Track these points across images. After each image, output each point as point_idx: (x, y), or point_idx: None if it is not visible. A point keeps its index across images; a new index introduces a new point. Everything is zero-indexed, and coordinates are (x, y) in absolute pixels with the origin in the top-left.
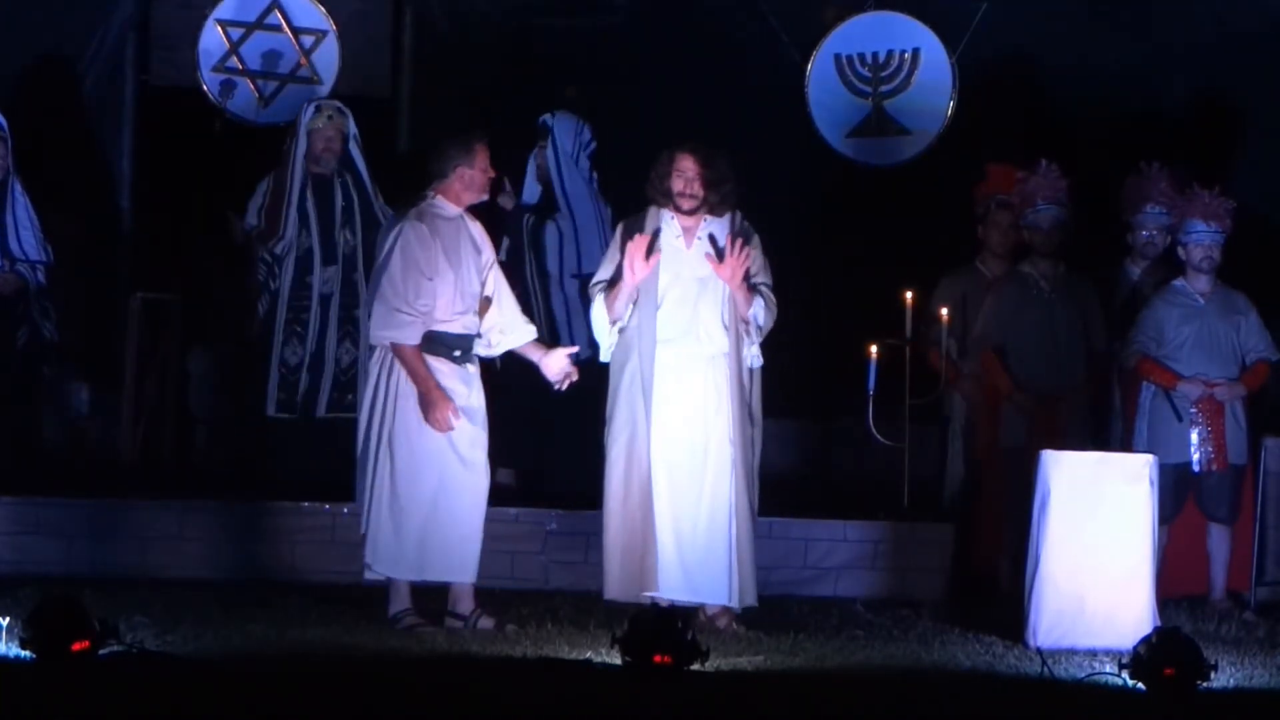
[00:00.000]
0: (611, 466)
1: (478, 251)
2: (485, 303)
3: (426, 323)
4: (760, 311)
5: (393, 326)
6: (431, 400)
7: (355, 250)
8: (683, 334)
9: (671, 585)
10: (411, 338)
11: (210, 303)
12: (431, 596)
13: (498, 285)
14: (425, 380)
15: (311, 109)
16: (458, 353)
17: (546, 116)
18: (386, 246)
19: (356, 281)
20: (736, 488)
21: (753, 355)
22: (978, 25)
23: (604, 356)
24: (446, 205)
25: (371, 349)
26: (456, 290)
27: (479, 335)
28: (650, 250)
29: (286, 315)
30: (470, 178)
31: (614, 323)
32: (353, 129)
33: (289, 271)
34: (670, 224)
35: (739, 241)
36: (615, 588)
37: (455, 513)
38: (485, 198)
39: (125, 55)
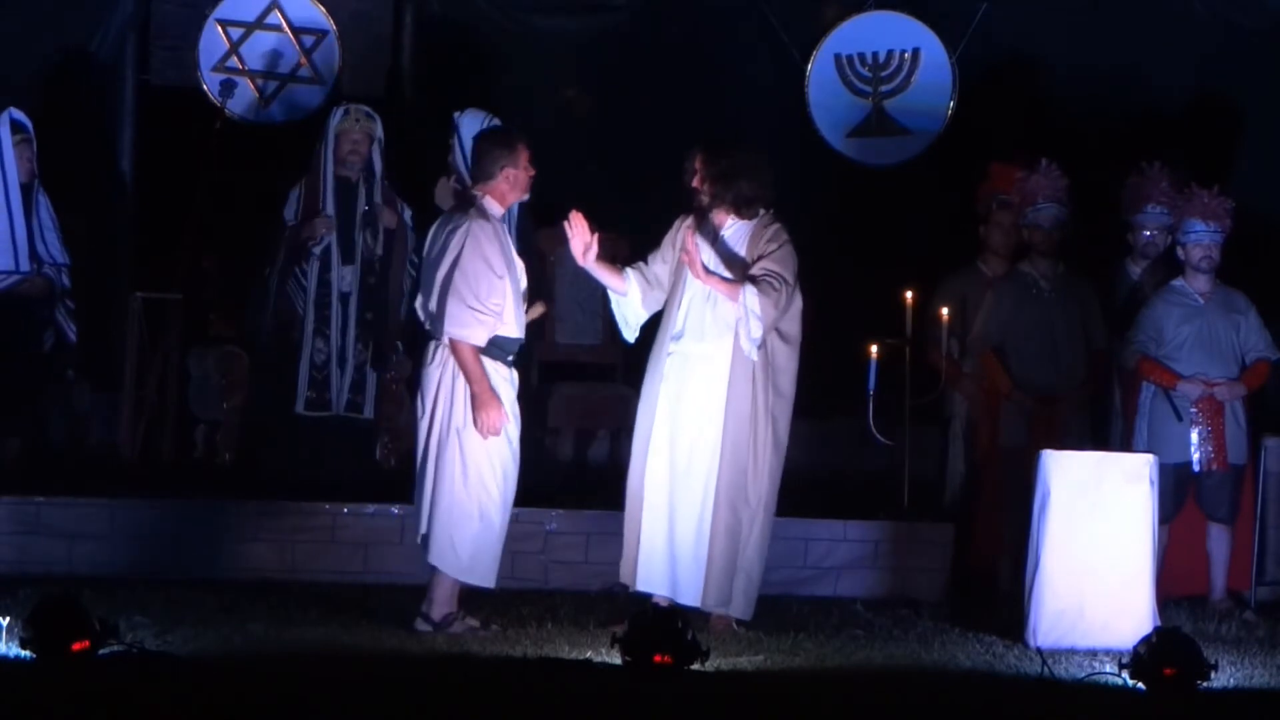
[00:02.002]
0: (631, 459)
1: (514, 255)
2: (537, 308)
3: (496, 324)
4: (753, 298)
5: (466, 325)
6: (485, 401)
7: (373, 253)
8: (696, 331)
9: (653, 580)
10: (479, 338)
11: (207, 303)
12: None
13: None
14: (482, 381)
15: (341, 111)
16: (511, 357)
17: (457, 114)
18: (455, 245)
19: (372, 285)
20: (724, 488)
21: (750, 344)
22: (978, 25)
23: (627, 336)
24: (494, 206)
25: (430, 351)
26: (514, 291)
27: (524, 340)
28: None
29: (313, 313)
30: (515, 177)
31: (621, 294)
32: (379, 133)
33: (314, 271)
34: (706, 221)
35: (687, 231)
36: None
37: (503, 517)
38: (528, 197)
39: (125, 55)
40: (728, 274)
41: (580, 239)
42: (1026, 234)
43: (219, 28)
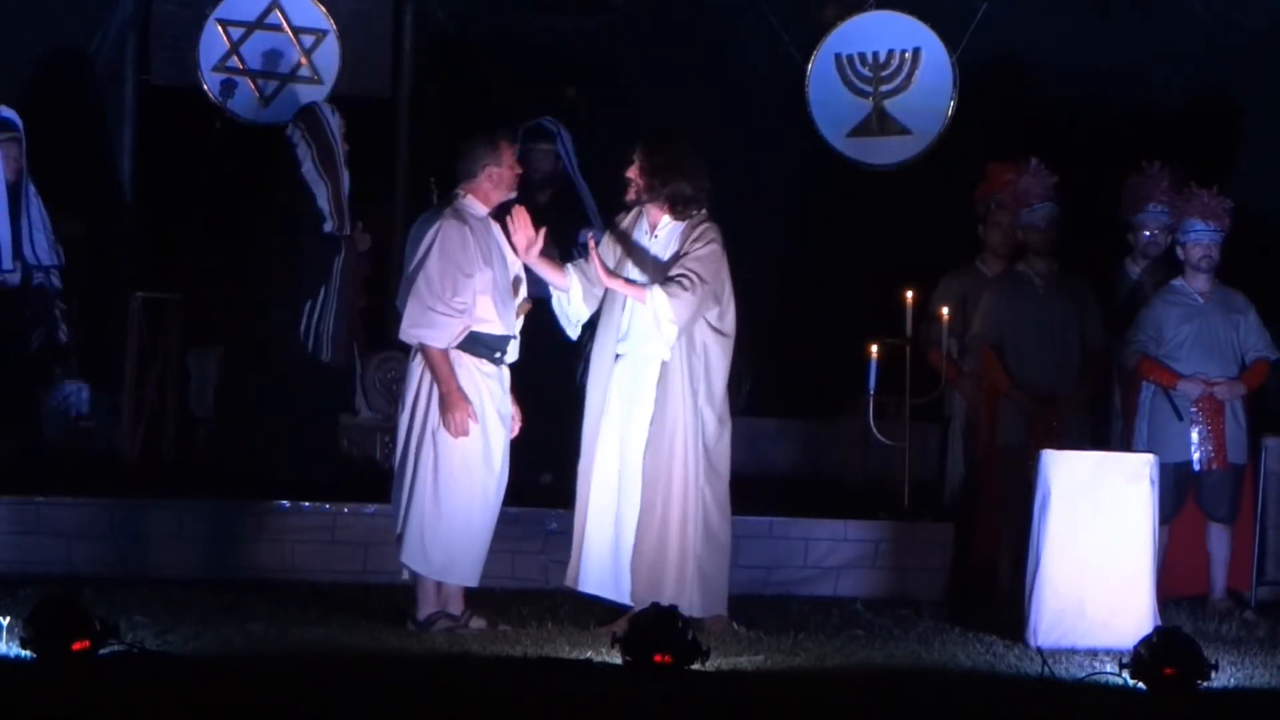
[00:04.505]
0: (580, 461)
1: (503, 253)
2: (525, 305)
3: (467, 320)
4: (660, 301)
5: (424, 325)
6: (453, 403)
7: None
8: (637, 331)
9: (595, 582)
10: (439, 339)
11: (208, 303)
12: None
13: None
14: (448, 381)
15: (338, 114)
16: (498, 354)
17: (546, 121)
18: (425, 244)
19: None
20: (663, 490)
21: (663, 345)
22: (978, 25)
23: (569, 333)
24: (477, 205)
25: (414, 349)
26: (495, 289)
27: (515, 337)
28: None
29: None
30: (499, 176)
31: (563, 291)
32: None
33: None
34: (642, 219)
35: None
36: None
37: (483, 517)
38: (514, 195)
39: (126, 55)
40: (640, 277)
41: (524, 234)
42: (1022, 235)
43: (219, 27)
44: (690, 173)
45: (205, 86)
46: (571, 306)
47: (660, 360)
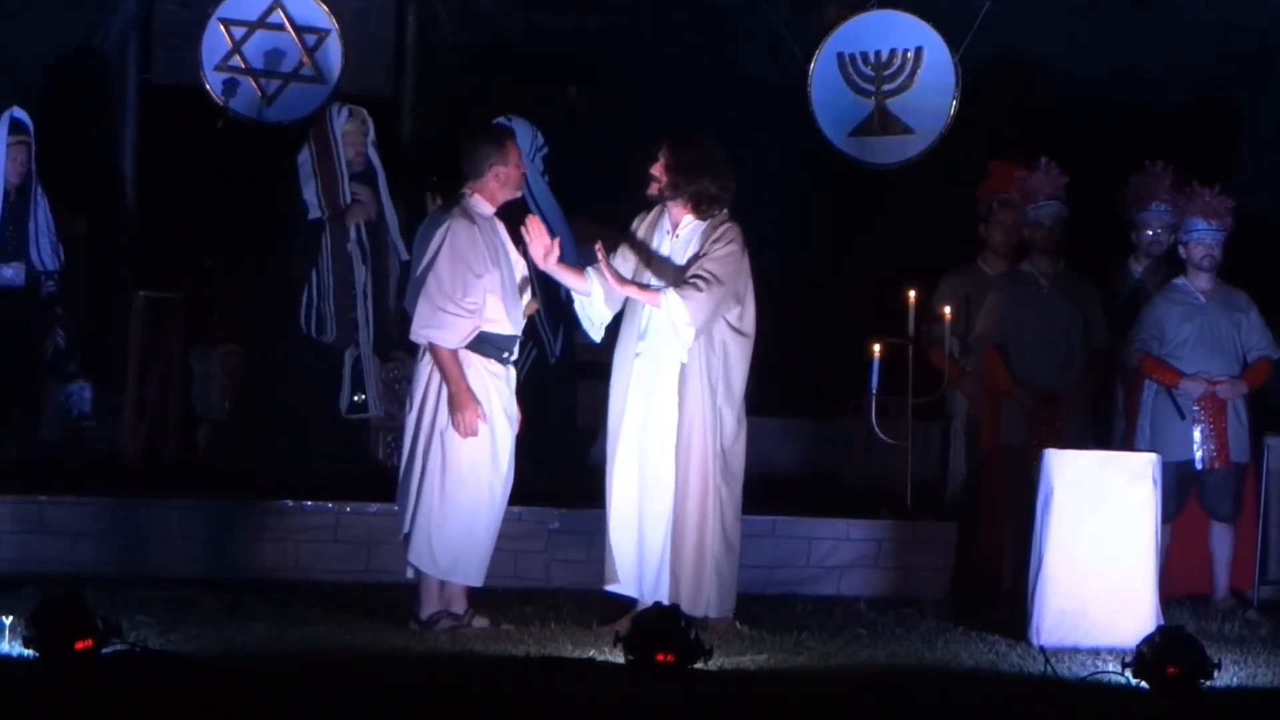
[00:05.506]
0: (606, 462)
1: (510, 253)
2: (531, 305)
3: (477, 321)
4: (675, 305)
5: (435, 325)
6: (462, 403)
7: (367, 256)
8: (656, 330)
9: (624, 582)
10: (450, 339)
11: (210, 302)
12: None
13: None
14: (458, 382)
15: (345, 112)
16: (506, 354)
17: (503, 119)
18: (435, 244)
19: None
20: (680, 489)
21: (681, 347)
22: (980, 24)
23: (593, 335)
24: (483, 204)
25: (418, 348)
26: (503, 289)
27: (521, 336)
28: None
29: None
30: (506, 175)
31: (584, 294)
32: (372, 134)
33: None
34: (664, 217)
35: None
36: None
37: (489, 517)
38: (520, 194)
39: (128, 54)
40: (658, 280)
41: (540, 243)
42: (1027, 232)
43: (221, 27)
44: (716, 173)
45: (207, 86)
46: (594, 309)
47: (679, 360)
